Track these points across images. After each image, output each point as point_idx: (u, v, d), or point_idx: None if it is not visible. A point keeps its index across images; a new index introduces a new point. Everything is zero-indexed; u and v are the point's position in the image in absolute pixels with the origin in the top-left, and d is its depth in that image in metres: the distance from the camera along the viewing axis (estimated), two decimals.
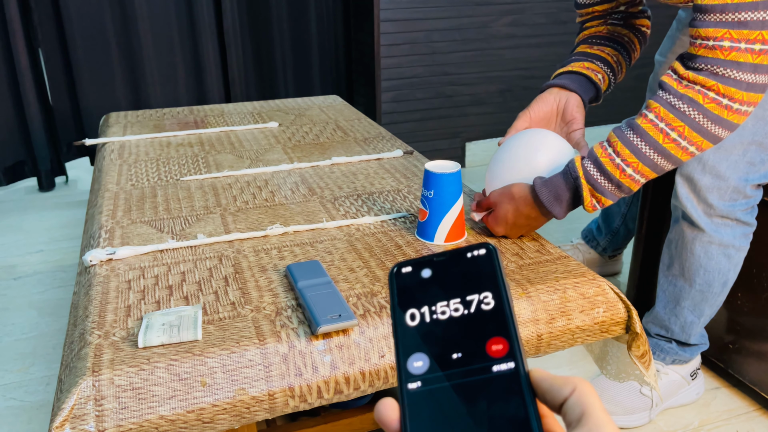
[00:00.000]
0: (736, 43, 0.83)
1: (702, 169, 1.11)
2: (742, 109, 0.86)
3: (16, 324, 1.61)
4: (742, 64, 0.83)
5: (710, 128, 0.87)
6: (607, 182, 0.91)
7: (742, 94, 0.85)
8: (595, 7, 1.16)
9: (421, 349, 0.33)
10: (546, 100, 1.08)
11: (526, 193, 0.95)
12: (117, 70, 2.52)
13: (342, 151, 1.46)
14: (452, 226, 0.97)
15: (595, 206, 0.93)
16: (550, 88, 1.10)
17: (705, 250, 1.15)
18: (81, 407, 0.67)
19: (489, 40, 2.68)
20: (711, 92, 0.85)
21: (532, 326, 0.84)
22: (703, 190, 1.12)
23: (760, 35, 0.82)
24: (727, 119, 0.86)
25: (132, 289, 0.86)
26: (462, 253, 0.35)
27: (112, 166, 1.37)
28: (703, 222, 1.13)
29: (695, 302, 1.19)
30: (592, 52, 1.13)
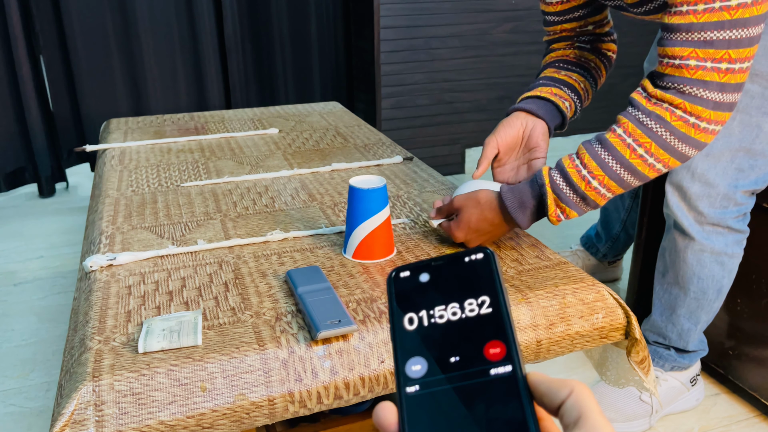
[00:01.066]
0: (702, 62, 0.83)
1: (691, 177, 1.11)
2: (710, 128, 0.86)
3: (16, 330, 1.61)
4: (709, 82, 0.83)
5: (677, 146, 0.87)
6: (572, 193, 0.91)
7: (709, 113, 0.85)
8: (564, 25, 1.15)
9: (419, 352, 0.34)
10: (512, 125, 1.06)
11: (492, 199, 0.94)
12: (118, 77, 2.53)
13: (342, 157, 1.46)
14: (361, 242, 0.94)
15: (559, 217, 0.92)
16: (517, 112, 1.08)
17: (697, 258, 1.15)
18: (81, 412, 0.67)
19: (489, 47, 2.69)
20: (678, 110, 0.86)
21: (531, 332, 0.84)
22: (693, 198, 1.12)
23: (726, 54, 0.82)
24: (695, 138, 0.86)
25: (132, 295, 0.86)
26: (460, 258, 0.36)
27: (112, 172, 1.37)
28: (694, 230, 1.13)
29: (691, 310, 1.19)
30: (560, 77, 1.12)
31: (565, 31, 1.17)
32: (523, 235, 1.04)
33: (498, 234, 0.97)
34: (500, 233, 0.97)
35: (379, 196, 0.93)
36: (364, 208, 0.93)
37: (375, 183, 0.95)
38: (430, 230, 1.06)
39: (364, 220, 0.94)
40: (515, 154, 1.07)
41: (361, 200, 0.93)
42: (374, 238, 0.94)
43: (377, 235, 0.94)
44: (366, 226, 0.94)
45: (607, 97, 2.97)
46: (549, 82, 1.11)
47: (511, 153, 1.07)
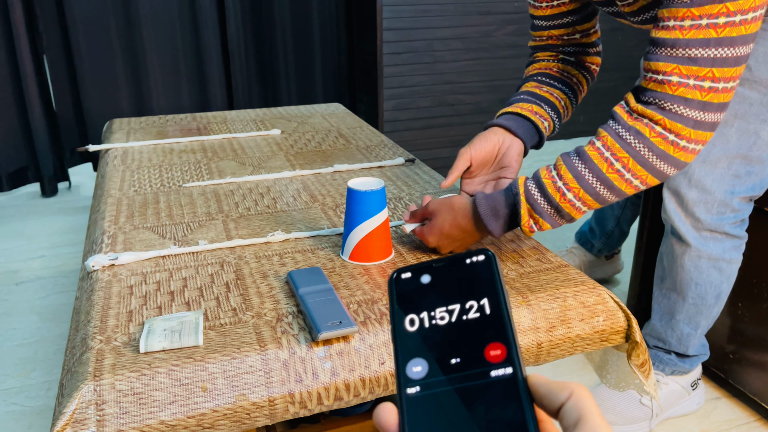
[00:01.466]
0: (685, 79, 0.82)
1: (688, 183, 1.11)
2: (689, 146, 0.84)
3: (18, 329, 1.61)
4: (690, 100, 0.82)
5: (655, 163, 0.85)
6: (546, 204, 0.89)
7: (689, 131, 0.83)
8: (551, 31, 1.15)
9: (420, 354, 0.34)
10: (489, 140, 1.05)
11: (466, 206, 0.93)
12: (121, 77, 2.53)
13: (344, 158, 1.47)
14: (358, 244, 0.94)
15: (532, 228, 0.91)
16: (495, 128, 1.07)
17: (695, 264, 1.15)
18: (82, 412, 0.67)
19: (491, 49, 2.70)
20: (658, 126, 0.84)
21: (532, 334, 0.84)
22: (690, 204, 1.12)
23: (710, 72, 0.81)
24: (673, 156, 0.85)
25: (134, 295, 0.86)
26: (461, 260, 0.36)
27: (115, 172, 1.37)
28: (690, 236, 1.13)
29: (690, 315, 1.19)
30: (541, 94, 1.11)
31: (552, 38, 1.16)
32: (525, 238, 1.04)
33: (470, 241, 0.96)
34: (472, 240, 0.96)
35: (377, 198, 0.93)
36: (362, 210, 0.93)
37: (373, 185, 0.95)
38: None
39: (361, 222, 0.94)
40: (487, 169, 1.07)
41: (358, 202, 0.93)
42: (371, 240, 0.94)
43: (374, 238, 0.94)
44: (363, 228, 0.94)
45: (613, 101, 2.97)
46: (530, 98, 1.10)
47: (483, 167, 1.06)
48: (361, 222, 0.94)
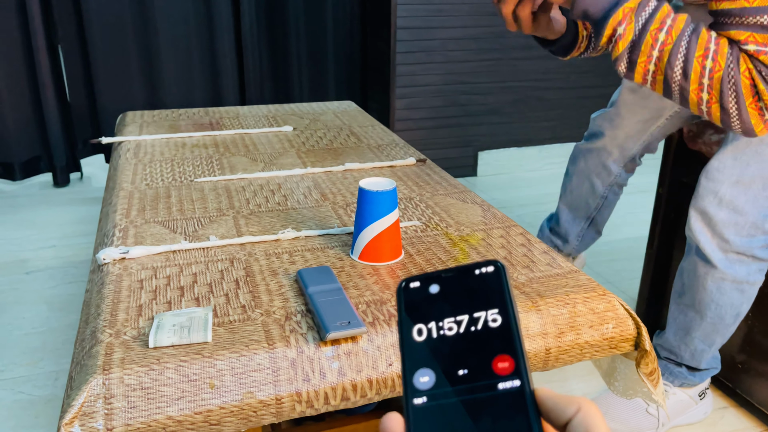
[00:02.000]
0: (762, 47, 0.81)
1: (718, 204, 1.09)
2: (766, 115, 0.83)
3: (27, 318, 1.63)
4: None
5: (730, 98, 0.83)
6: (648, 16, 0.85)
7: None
8: None
9: (427, 364, 0.34)
10: None
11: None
12: (134, 69, 2.54)
13: (355, 157, 1.47)
14: (368, 245, 0.94)
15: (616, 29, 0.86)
16: None
17: (717, 286, 1.12)
18: (91, 405, 0.68)
19: (505, 50, 2.69)
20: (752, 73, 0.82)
21: (540, 340, 0.83)
22: (719, 224, 1.09)
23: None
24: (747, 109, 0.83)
25: (144, 289, 0.87)
26: (470, 270, 0.36)
27: (127, 165, 1.38)
28: (716, 258, 1.11)
29: (706, 333, 1.18)
30: None
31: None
32: (535, 242, 1.04)
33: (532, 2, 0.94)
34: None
35: (388, 198, 0.93)
36: (373, 210, 0.93)
37: (385, 185, 0.95)
38: (441, 234, 1.06)
39: (371, 222, 0.94)
40: None
41: (370, 202, 0.93)
42: (381, 240, 0.94)
43: (384, 238, 0.94)
44: (373, 229, 0.94)
45: None
46: None
47: None
48: (371, 222, 0.94)
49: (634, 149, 1.45)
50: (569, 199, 1.61)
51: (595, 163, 1.52)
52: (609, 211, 1.59)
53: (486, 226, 1.09)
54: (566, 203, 1.62)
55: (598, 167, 1.52)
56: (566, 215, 1.63)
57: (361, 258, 0.96)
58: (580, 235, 1.63)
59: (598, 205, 1.57)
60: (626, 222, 2.28)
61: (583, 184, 1.57)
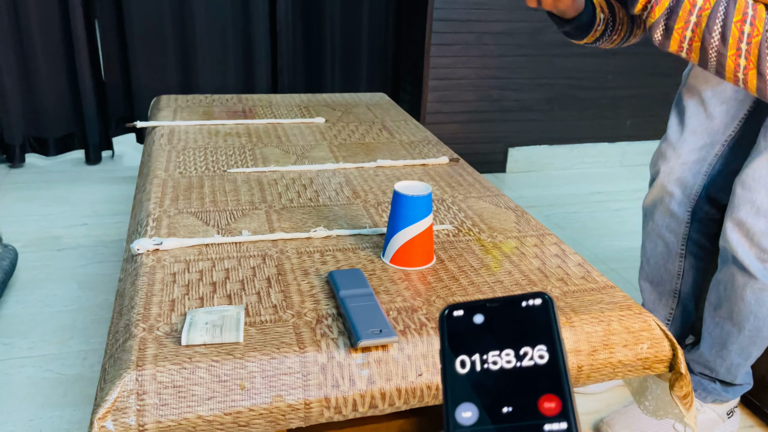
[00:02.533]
0: None
1: (756, 213, 1.07)
2: None
3: (58, 296, 1.66)
4: None
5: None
6: None
7: None
8: None
9: (470, 398, 0.33)
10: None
11: None
12: (170, 51, 2.55)
13: (387, 153, 1.46)
14: (400, 249, 0.94)
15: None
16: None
17: (756, 297, 1.10)
18: (123, 400, 0.68)
19: (540, 47, 2.64)
20: None
21: (573, 357, 0.82)
22: (757, 234, 1.07)
23: None
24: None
25: (177, 283, 0.87)
26: (516, 301, 0.35)
27: (161, 152, 1.39)
28: (755, 268, 1.08)
29: (743, 346, 1.15)
30: None
31: None
32: (570, 253, 1.02)
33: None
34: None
35: (423, 203, 0.92)
36: (407, 215, 0.93)
37: (420, 190, 0.94)
38: (473, 239, 1.05)
39: (405, 227, 0.93)
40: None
41: (404, 206, 0.92)
42: (414, 245, 0.94)
43: (417, 243, 0.94)
44: (407, 233, 0.93)
45: (664, 107, 2.89)
46: None
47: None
48: (405, 226, 0.93)
49: (696, 185, 1.24)
50: (647, 271, 1.36)
51: (661, 214, 1.30)
52: (694, 281, 1.31)
53: (519, 234, 1.08)
54: (645, 277, 1.37)
55: (666, 217, 1.29)
56: (648, 293, 1.37)
57: (393, 262, 0.95)
58: (669, 318, 1.35)
59: (679, 271, 1.31)
60: None
61: (656, 247, 1.33)
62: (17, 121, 2.46)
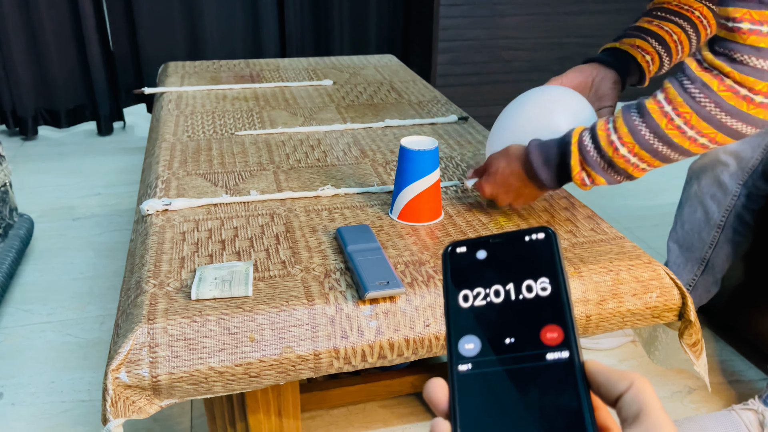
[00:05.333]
0: (757, 26, 0.72)
1: None
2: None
3: (75, 263, 1.68)
4: (764, 50, 0.72)
5: (725, 120, 0.76)
6: (598, 157, 0.83)
7: (765, 85, 0.73)
8: None
9: (473, 331, 0.33)
10: (582, 71, 1.01)
11: (522, 153, 0.89)
12: (177, 19, 2.53)
13: (395, 113, 1.44)
14: (407, 204, 0.93)
15: (584, 181, 0.85)
16: (591, 62, 1.03)
17: None
18: (136, 352, 0.70)
19: (553, 5, 2.58)
20: (728, 79, 0.75)
21: (581, 306, 0.82)
22: None
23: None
24: (749, 113, 0.75)
25: (186, 241, 0.88)
26: (519, 236, 0.35)
27: (169, 117, 1.39)
28: None
29: None
30: (650, 28, 1.03)
31: None
32: (579, 207, 1.01)
33: (526, 193, 0.92)
34: (529, 193, 0.92)
35: (430, 158, 0.92)
36: (413, 169, 0.92)
37: (426, 144, 0.93)
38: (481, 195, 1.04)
39: (412, 182, 0.93)
40: None
41: (410, 161, 0.92)
42: (421, 200, 0.93)
43: (424, 198, 0.93)
44: (414, 188, 0.93)
45: None
46: (635, 32, 1.04)
47: None
48: (412, 181, 0.92)
49: (754, 158, 1.20)
50: (679, 234, 1.33)
51: (708, 181, 1.26)
52: (727, 254, 1.29)
53: None
54: (676, 240, 1.34)
55: (713, 186, 1.26)
56: (676, 256, 1.35)
57: (401, 218, 0.95)
58: (691, 283, 1.33)
59: (713, 241, 1.28)
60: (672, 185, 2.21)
61: (695, 212, 1.30)
62: (28, 94, 2.47)
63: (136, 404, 0.70)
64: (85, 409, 1.21)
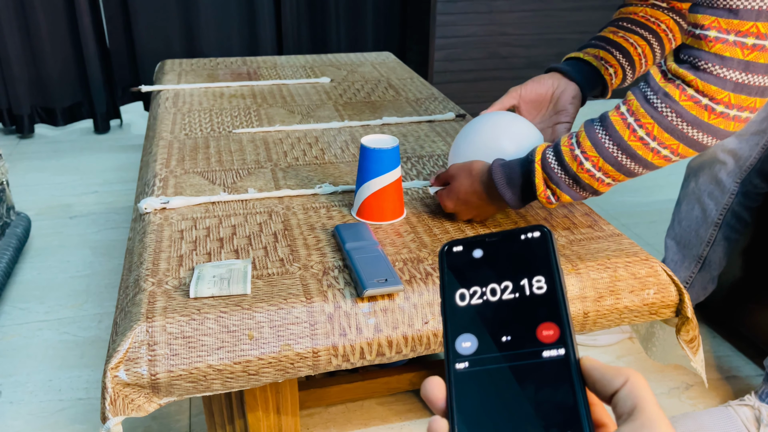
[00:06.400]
0: (724, 35, 0.71)
1: None
2: (730, 113, 0.73)
3: (71, 262, 1.68)
4: (729, 59, 0.71)
5: (686, 131, 0.75)
6: (563, 173, 0.82)
7: (726, 95, 0.72)
8: None
9: (470, 329, 0.33)
10: (542, 83, 0.99)
11: (484, 171, 0.88)
12: (173, 16, 2.53)
13: (393, 110, 1.44)
14: (364, 201, 0.92)
15: (549, 199, 0.84)
16: (552, 72, 1.00)
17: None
18: (135, 351, 0.70)
19: (549, 1, 2.58)
20: (690, 88, 0.74)
21: (579, 303, 0.82)
22: None
23: (755, 27, 0.69)
24: (710, 123, 0.74)
25: (184, 239, 0.88)
26: (515, 235, 0.35)
27: (166, 115, 1.38)
28: None
29: None
30: (615, 39, 1.02)
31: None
32: (577, 204, 1.01)
33: (489, 210, 0.91)
34: (489, 210, 0.91)
35: (388, 156, 0.90)
36: (370, 168, 0.90)
37: (386, 143, 0.91)
38: None
39: (369, 180, 0.91)
40: (541, 114, 1.00)
41: (367, 159, 0.90)
42: (379, 198, 0.92)
43: (382, 197, 0.92)
44: (371, 186, 0.91)
45: None
46: (600, 43, 1.03)
47: (534, 111, 1.00)
48: (369, 179, 0.91)
49: (752, 157, 1.20)
50: (677, 232, 1.34)
51: (706, 179, 1.27)
52: (724, 251, 1.30)
53: None
54: (673, 237, 1.35)
55: (710, 184, 1.26)
56: (673, 253, 1.35)
57: (359, 215, 0.94)
58: (688, 280, 1.34)
59: (710, 239, 1.29)
60: (669, 182, 2.22)
61: (692, 210, 1.30)
62: (24, 92, 2.46)
63: (135, 402, 0.70)
64: (83, 407, 1.21)
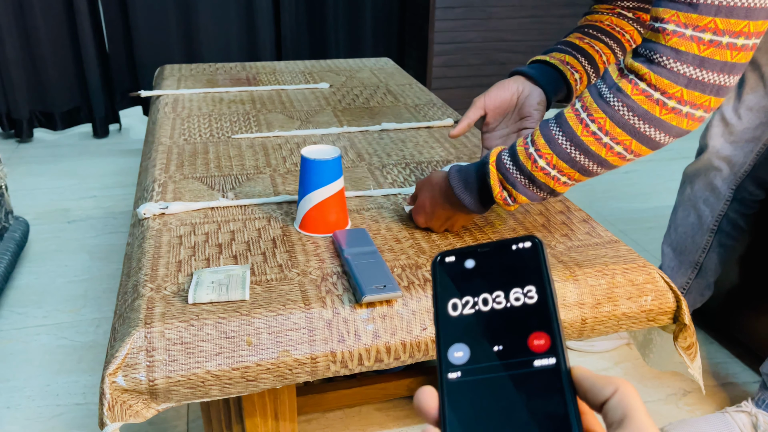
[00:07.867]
0: (682, 28, 0.70)
1: None
2: (682, 109, 0.71)
3: (69, 266, 1.68)
4: (683, 53, 0.69)
5: (638, 126, 0.73)
6: (518, 173, 0.80)
7: (679, 90, 0.70)
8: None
9: (462, 339, 0.34)
10: (507, 88, 0.97)
11: (443, 180, 0.87)
12: (172, 21, 2.53)
13: (392, 116, 1.45)
14: (306, 214, 0.91)
15: (507, 201, 0.82)
16: (516, 76, 0.99)
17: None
18: (133, 356, 0.70)
19: (547, 8, 2.60)
20: (642, 82, 0.72)
21: (577, 310, 0.83)
22: None
23: (713, 23, 0.68)
24: (661, 118, 0.72)
25: (183, 245, 0.88)
26: (507, 245, 0.35)
27: (165, 120, 1.39)
28: None
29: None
30: (581, 45, 1.02)
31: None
32: (574, 210, 1.02)
33: (457, 219, 0.90)
34: (460, 218, 0.90)
35: (329, 168, 0.88)
36: (311, 180, 0.89)
37: (327, 153, 0.90)
38: None
39: (310, 191, 0.90)
40: (506, 120, 0.99)
41: (308, 171, 0.89)
42: (321, 210, 0.90)
43: (325, 209, 0.90)
44: (312, 198, 0.90)
45: None
46: (566, 48, 1.02)
47: (499, 117, 0.99)
48: (308, 191, 0.90)
49: (746, 164, 1.21)
50: (673, 238, 1.34)
51: (701, 186, 1.27)
52: (720, 258, 1.30)
53: None
54: (670, 243, 1.36)
55: (706, 190, 1.26)
56: (670, 259, 1.36)
57: (302, 228, 0.92)
58: (685, 287, 1.34)
59: (706, 245, 1.29)
60: (667, 188, 2.23)
61: (688, 216, 1.30)
62: (23, 96, 2.46)
63: (133, 408, 0.70)
64: (81, 412, 1.21)
